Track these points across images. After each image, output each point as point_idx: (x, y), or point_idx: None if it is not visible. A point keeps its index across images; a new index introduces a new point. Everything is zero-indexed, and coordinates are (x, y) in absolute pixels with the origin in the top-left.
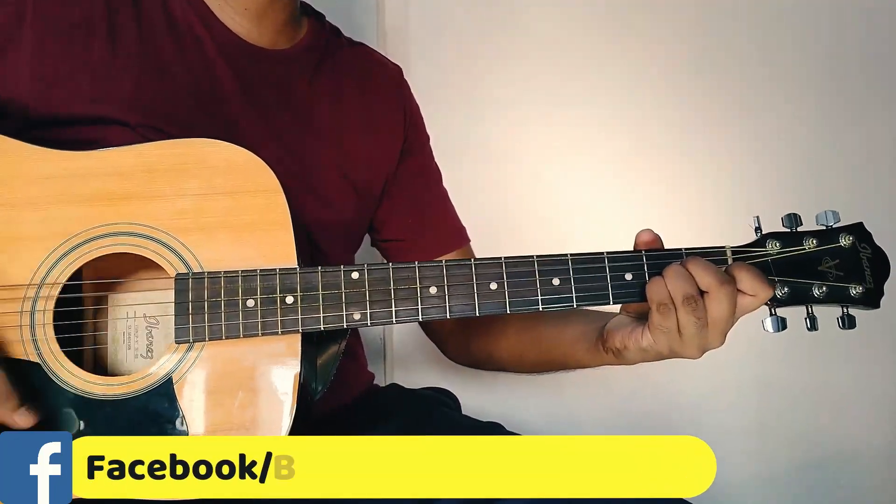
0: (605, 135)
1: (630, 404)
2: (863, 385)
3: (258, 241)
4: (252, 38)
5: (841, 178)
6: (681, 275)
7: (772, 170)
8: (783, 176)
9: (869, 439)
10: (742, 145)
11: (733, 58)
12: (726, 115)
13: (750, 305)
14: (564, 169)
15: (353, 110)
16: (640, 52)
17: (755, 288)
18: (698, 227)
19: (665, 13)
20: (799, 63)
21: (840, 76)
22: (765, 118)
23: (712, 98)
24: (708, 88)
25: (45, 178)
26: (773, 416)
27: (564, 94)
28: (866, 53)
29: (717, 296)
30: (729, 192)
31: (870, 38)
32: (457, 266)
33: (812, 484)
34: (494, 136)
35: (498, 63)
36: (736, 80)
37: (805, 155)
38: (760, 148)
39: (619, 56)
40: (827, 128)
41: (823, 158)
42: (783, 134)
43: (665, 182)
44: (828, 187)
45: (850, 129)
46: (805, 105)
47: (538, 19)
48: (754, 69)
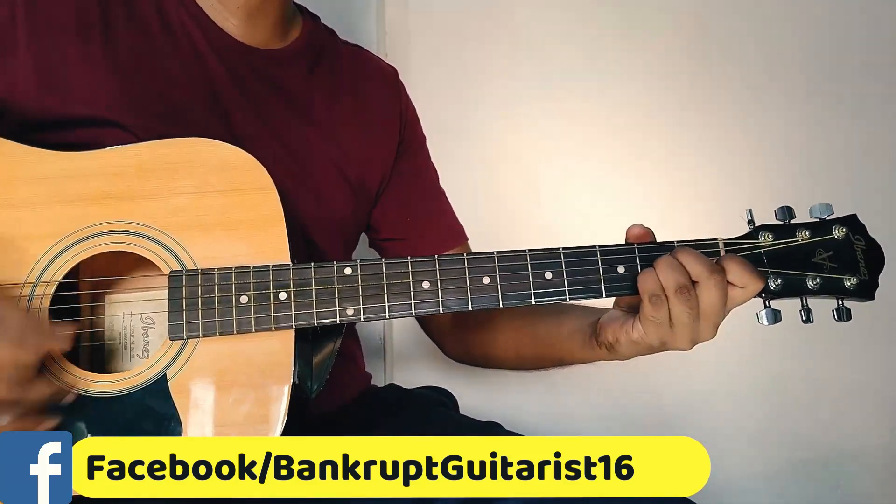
0: (602, 134)
1: (629, 404)
2: (863, 384)
3: (252, 238)
4: (245, 37)
5: (835, 172)
6: (672, 265)
7: (766, 165)
8: (777, 171)
9: (869, 439)
10: (736, 140)
11: (730, 55)
12: (721, 110)
13: (740, 297)
14: (562, 168)
15: (348, 108)
16: (637, 51)
17: (744, 279)
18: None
19: (663, 14)
20: (795, 59)
21: (835, 72)
22: (758, 114)
23: (708, 94)
24: (704, 85)
25: (40, 179)
26: (773, 416)
27: (562, 93)
28: (861, 49)
29: (707, 285)
30: (723, 187)
31: (865, 34)
32: (449, 261)
33: (812, 484)
34: (493, 135)
35: (497, 63)
36: (731, 76)
37: (799, 150)
38: (755, 143)
39: (618, 56)
40: (821, 123)
41: (818, 153)
42: (778, 129)
43: (660, 179)
44: (822, 181)
45: (844, 123)
46: (799, 100)
47: (537, 20)
48: (750, 66)
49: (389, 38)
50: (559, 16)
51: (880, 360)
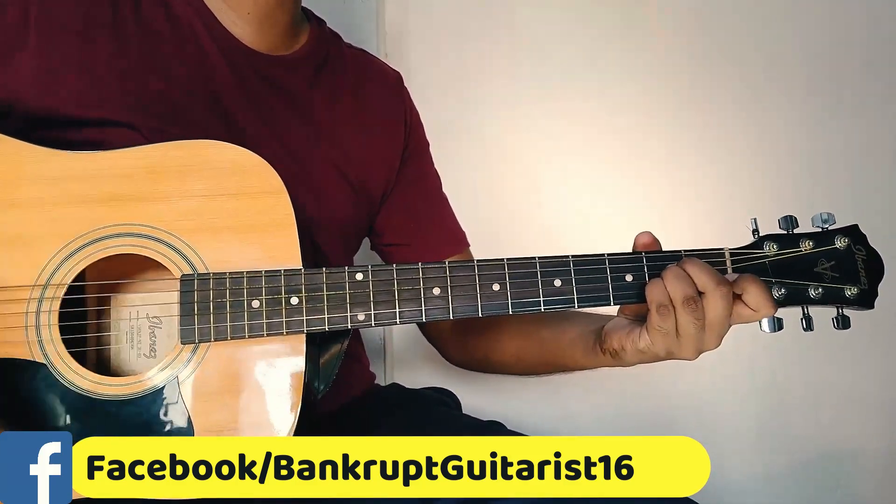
0: (604, 137)
1: (630, 405)
2: (862, 385)
3: (263, 241)
4: (253, 42)
5: (835, 172)
6: (680, 276)
7: (766, 165)
8: (777, 171)
9: (868, 441)
10: (736, 140)
11: (730, 55)
12: (721, 110)
13: (748, 318)
14: (564, 171)
15: (351, 112)
16: (638, 54)
17: (759, 304)
18: (693, 221)
19: (663, 14)
20: (795, 59)
21: (835, 71)
22: (758, 114)
23: (708, 94)
24: (704, 85)
25: (50, 179)
26: (773, 417)
27: (563, 96)
28: (861, 49)
29: (714, 296)
30: (723, 187)
31: (865, 34)
32: (460, 267)
33: (812, 484)
34: (494, 138)
35: (497, 63)
36: (735, 81)
37: (799, 150)
38: (754, 143)
39: (619, 58)
40: (821, 123)
41: (818, 153)
42: (777, 129)
43: (664, 184)
44: (822, 182)
45: (844, 123)
46: (799, 101)
47: (537, 21)
48: (753, 70)
49: (389, 39)
50: (559, 16)
51: (879, 365)
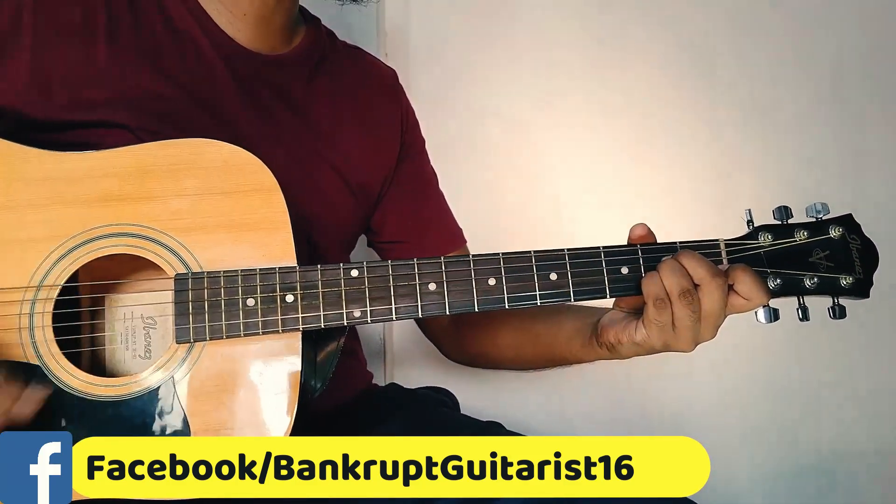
0: (602, 137)
1: (630, 405)
2: (862, 385)
3: (257, 240)
4: (250, 43)
5: (835, 172)
6: (676, 269)
7: (766, 165)
8: (777, 171)
9: (868, 441)
10: (735, 140)
11: (730, 55)
12: (721, 110)
13: (742, 307)
14: (562, 170)
15: (349, 111)
16: (637, 51)
17: (752, 293)
18: (693, 221)
19: (663, 14)
20: (795, 59)
21: (835, 71)
22: (758, 114)
23: (708, 94)
24: (704, 85)
25: (42, 180)
26: (773, 417)
27: (562, 95)
28: (861, 49)
29: (709, 288)
30: (723, 187)
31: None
32: (455, 262)
33: (811, 485)
34: (492, 137)
35: (497, 65)
36: (732, 75)
37: (799, 150)
38: (754, 143)
39: (617, 58)
40: (821, 123)
41: (817, 153)
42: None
43: (660, 179)
44: (821, 181)
45: (844, 123)
46: (799, 100)
47: (537, 20)
48: (750, 65)
49: (389, 39)
50: (559, 16)
51: (879, 365)
